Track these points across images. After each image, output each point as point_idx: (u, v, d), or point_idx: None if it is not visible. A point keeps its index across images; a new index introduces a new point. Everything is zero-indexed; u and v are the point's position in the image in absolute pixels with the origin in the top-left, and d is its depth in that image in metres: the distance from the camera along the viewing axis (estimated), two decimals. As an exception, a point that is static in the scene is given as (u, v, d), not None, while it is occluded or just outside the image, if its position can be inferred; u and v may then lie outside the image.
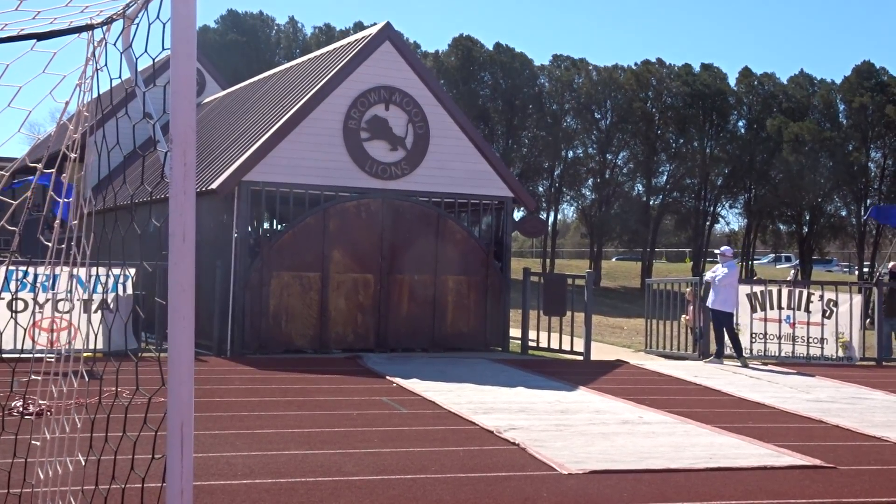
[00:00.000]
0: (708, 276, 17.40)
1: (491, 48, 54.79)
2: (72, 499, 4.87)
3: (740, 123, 57.84)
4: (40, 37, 4.68)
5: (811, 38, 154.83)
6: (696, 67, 56.79)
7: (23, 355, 11.82)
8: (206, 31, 55.05)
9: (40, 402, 8.57)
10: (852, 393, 13.44)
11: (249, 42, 55.96)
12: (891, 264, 20.92)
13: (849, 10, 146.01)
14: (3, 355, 8.11)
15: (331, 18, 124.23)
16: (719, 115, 55.95)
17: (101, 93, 4.72)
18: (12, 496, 5.24)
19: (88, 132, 4.88)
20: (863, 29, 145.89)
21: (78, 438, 4.85)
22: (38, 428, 5.06)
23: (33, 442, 5.00)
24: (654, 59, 57.20)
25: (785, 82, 58.87)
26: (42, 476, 5.00)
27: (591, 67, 55.74)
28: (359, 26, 53.95)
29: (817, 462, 8.24)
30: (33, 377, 5.35)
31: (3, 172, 5.31)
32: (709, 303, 17.05)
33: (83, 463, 4.81)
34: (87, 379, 4.97)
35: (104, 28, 4.69)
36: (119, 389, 4.70)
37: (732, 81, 57.55)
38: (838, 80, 58.34)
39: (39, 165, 5.23)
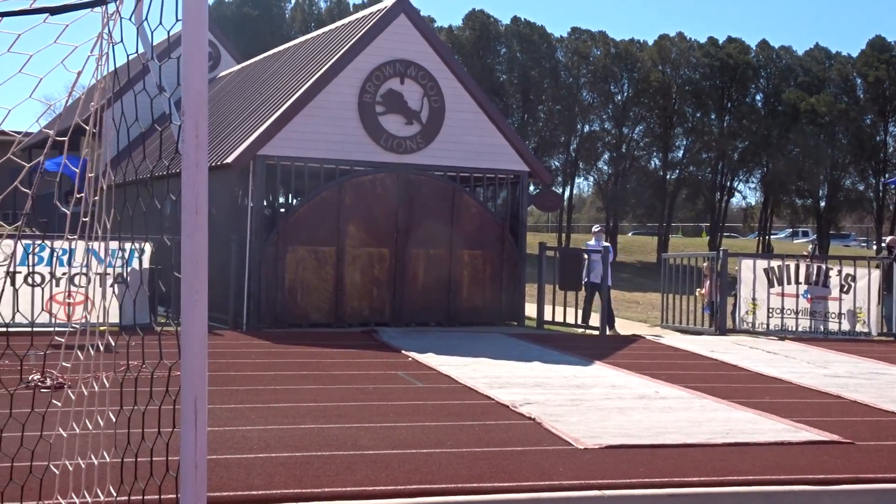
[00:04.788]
0: (591, 251, 18.38)
1: (507, 22, 54.53)
2: (96, 473, 4.88)
3: (758, 97, 57.43)
4: (53, 11, 4.64)
5: (825, 11, 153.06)
6: (715, 41, 56.24)
7: (39, 329, 11.88)
8: (220, 4, 54.91)
9: (58, 375, 8.61)
10: (870, 368, 13.37)
11: (264, 16, 55.79)
12: (888, 238, 20.78)
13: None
14: (20, 329, 8.18)
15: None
16: (737, 88, 55.54)
17: (114, 68, 4.68)
18: (22, 468, 5.26)
19: (105, 106, 4.85)
20: (873, 2, 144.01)
21: (95, 411, 4.86)
22: (56, 401, 5.08)
23: (59, 408, 5.01)
24: (673, 34, 56.83)
25: (801, 55, 58.38)
26: (60, 449, 5.02)
27: (608, 40, 55.36)
28: (371, 1, 53.73)
29: (835, 437, 8.19)
30: (51, 351, 5.36)
31: (20, 137, 5.30)
32: (596, 278, 17.90)
33: (102, 435, 4.82)
34: (112, 351, 4.97)
35: (117, 1, 4.65)
36: (135, 363, 4.70)
37: (752, 55, 57.09)
38: (854, 54, 57.88)
39: (58, 138, 5.20)
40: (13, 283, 13.23)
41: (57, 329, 9.32)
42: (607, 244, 18.81)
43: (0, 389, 5.22)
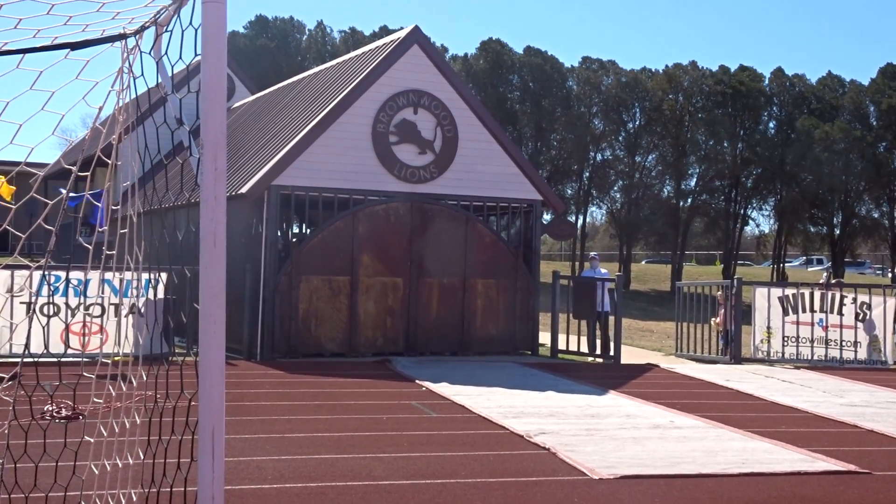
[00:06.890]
0: (594, 278, 18.30)
1: (520, 51, 54.75)
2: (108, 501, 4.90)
3: (771, 125, 57.43)
4: (74, 46, 4.71)
5: (837, 39, 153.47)
6: (727, 69, 56.38)
7: (54, 360, 11.91)
8: (234, 36, 55.34)
9: (73, 405, 8.64)
10: (887, 397, 13.28)
11: (279, 47, 56.20)
12: None
13: (873, 12, 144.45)
14: (35, 360, 8.24)
15: (358, 22, 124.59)
16: (749, 116, 55.58)
17: (134, 97, 4.74)
18: (39, 499, 5.28)
19: (121, 137, 4.91)
20: (886, 30, 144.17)
21: (116, 442, 4.89)
22: (72, 432, 5.11)
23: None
24: (685, 62, 57.03)
25: (814, 83, 58.45)
26: (76, 480, 5.04)
27: (619, 69, 55.57)
28: (385, 30, 54.10)
29: (852, 467, 8.14)
30: (65, 381, 5.39)
31: (38, 172, 5.36)
32: (606, 306, 17.87)
33: (119, 466, 4.84)
34: (133, 382, 5.00)
35: (136, 36, 4.72)
36: (151, 394, 4.73)
37: (765, 83, 57.19)
38: (865, 82, 57.92)
39: (77, 171, 5.25)
40: (28, 314, 13.31)
41: (72, 360, 9.37)
42: (606, 271, 19.04)
43: (18, 420, 5.25)
